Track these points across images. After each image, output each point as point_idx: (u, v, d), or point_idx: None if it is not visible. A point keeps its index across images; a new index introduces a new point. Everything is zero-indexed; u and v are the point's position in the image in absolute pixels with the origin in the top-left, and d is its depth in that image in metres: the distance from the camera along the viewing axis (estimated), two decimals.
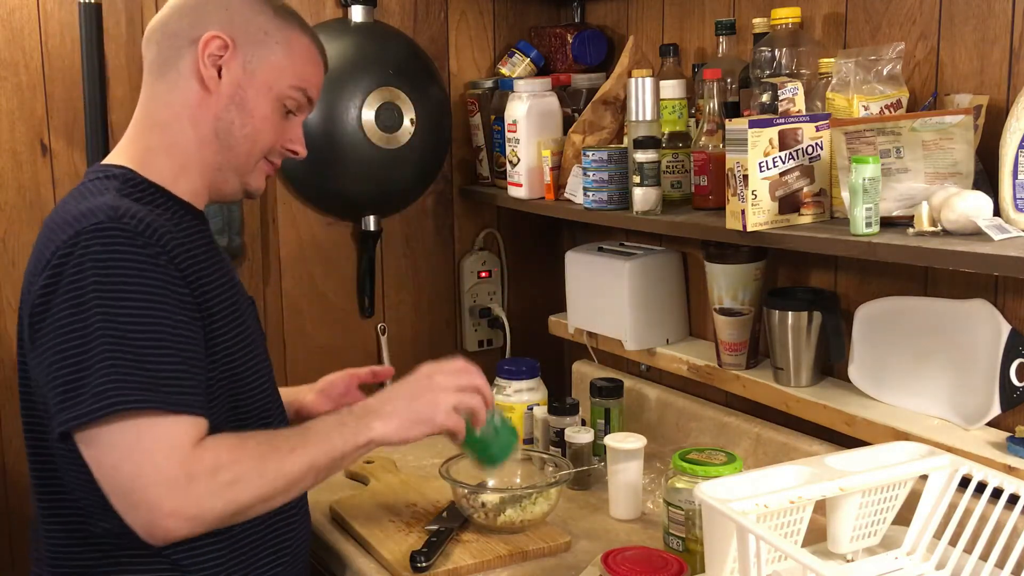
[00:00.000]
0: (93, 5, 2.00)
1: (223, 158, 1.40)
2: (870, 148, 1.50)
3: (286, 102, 1.42)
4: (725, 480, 1.36)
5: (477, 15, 2.41)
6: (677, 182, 1.88)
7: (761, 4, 1.88)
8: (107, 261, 1.21)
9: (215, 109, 1.38)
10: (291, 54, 1.41)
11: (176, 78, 1.38)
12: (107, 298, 1.19)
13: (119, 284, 1.20)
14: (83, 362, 1.18)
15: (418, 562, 1.57)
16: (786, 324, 1.75)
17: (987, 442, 1.49)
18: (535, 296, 2.52)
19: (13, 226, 2.09)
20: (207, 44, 1.36)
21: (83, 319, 1.19)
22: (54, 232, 1.27)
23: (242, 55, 1.37)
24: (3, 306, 2.10)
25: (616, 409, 1.99)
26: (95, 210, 1.25)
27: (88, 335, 1.18)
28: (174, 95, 1.38)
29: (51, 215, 1.34)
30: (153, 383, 1.19)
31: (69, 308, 1.20)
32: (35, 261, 1.30)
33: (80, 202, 1.30)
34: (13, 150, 2.07)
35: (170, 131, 1.38)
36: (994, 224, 1.37)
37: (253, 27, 1.38)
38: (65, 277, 1.21)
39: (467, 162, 2.44)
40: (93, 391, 1.17)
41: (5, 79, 2.05)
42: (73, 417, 1.18)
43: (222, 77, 1.37)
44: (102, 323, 1.19)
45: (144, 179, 1.36)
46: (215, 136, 1.39)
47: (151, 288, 1.22)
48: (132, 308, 1.20)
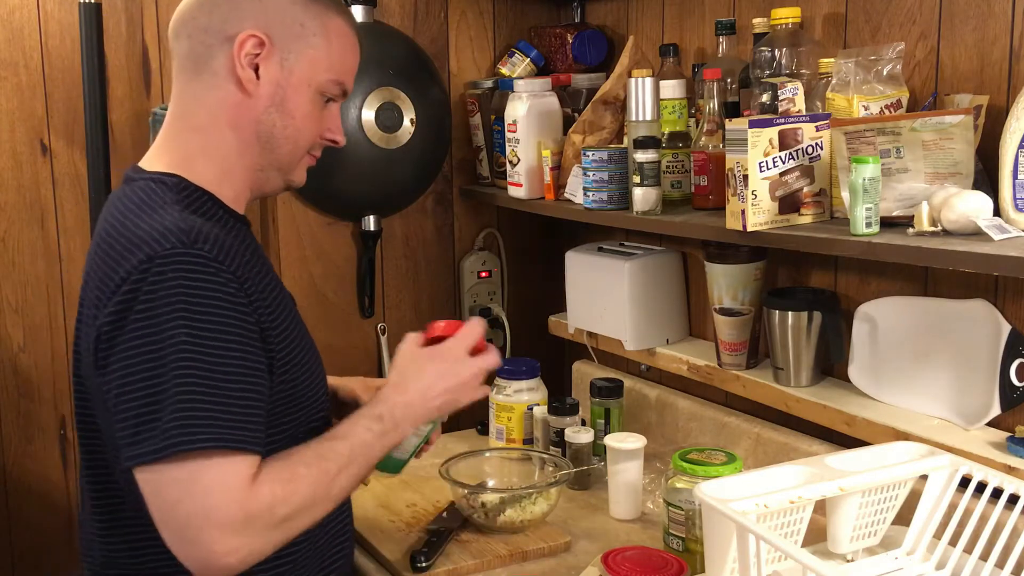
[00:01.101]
0: (93, 5, 2.00)
1: (265, 159, 1.35)
2: (870, 148, 1.50)
3: (325, 93, 1.36)
4: (725, 480, 1.36)
5: (477, 15, 2.41)
6: (677, 182, 1.88)
7: (761, 4, 1.88)
8: (182, 290, 1.16)
9: (255, 112, 1.31)
10: (329, 44, 1.34)
11: (211, 79, 1.31)
12: (181, 329, 1.15)
13: (193, 314, 1.16)
14: (154, 395, 1.14)
15: (418, 562, 1.57)
16: (786, 324, 1.75)
17: (987, 442, 1.49)
18: (535, 296, 2.52)
19: (13, 226, 2.09)
20: (243, 44, 1.28)
21: (156, 350, 1.14)
22: (122, 251, 1.20)
23: (279, 52, 1.30)
24: (3, 306, 2.10)
25: (616, 409, 1.99)
26: (167, 232, 1.19)
27: (160, 367, 1.14)
28: (210, 97, 1.31)
29: (110, 227, 1.27)
30: (221, 421, 1.15)
31: (141, 337, 1.15)
32: (101, 278, 1.22)
33: (143, 216, 1.23)
34: (13, 150, 2.07)
35: (209, 135, 1.32)
36: (994, 224, 1.37)
37: (289, 19, 1.31)
38: (139, 303, 1.16)
39: (467, 162, 2.44)
40: (163, 428, 1.13)
41: (5, 79, 2.05)
42: (140, 454, 1.14)
43: (260, 77, 1.30)
44: (175, 355, 1.14)
45: (195, 186, 1.30)
46: (256, 139, 1.33)
47: (224, 319, 1.18)
48: (206, 340, 1.16)
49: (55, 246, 2.12)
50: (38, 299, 2.12)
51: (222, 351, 1.17)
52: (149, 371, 1.15)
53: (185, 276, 1.17)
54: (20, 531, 2.15)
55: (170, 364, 1.14)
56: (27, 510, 2.16)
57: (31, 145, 2.08)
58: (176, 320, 1.15)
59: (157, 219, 1.22)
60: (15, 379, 2.12)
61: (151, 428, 1.14)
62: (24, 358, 2.13)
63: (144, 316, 1.16)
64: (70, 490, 2.19)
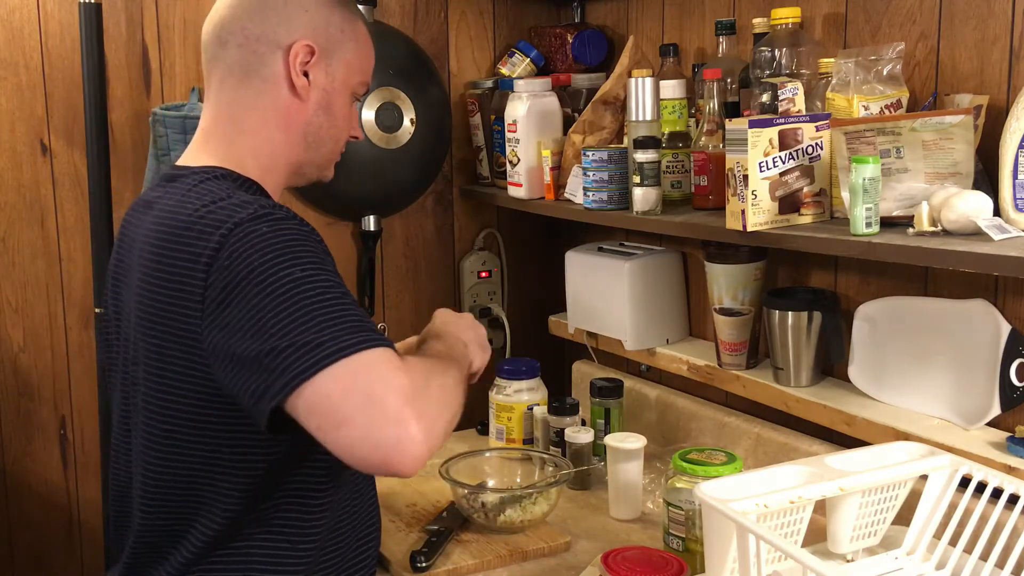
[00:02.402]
0: (93, 5, 2.00)
1: (307, 157, 1.43)
2: (870, 148, 1.50)
3: (356, 94, 1.45)
4: (725, 480, 1.36)
5: (477, 15, 2.41)
6: (677, 182, 1.88)
7: (761, 4, 1.88)
8: (279, 236, 1.20)
9: (306, 115, 1.39)
10: (359, 48, 1.43)
11: (261, 85, 1.37)
12: (291, 265, 1.18)
13: (297, 251, 1.20)
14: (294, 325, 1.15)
15: (418, 562, 1.57)
16: (786, 324, 1.75)
17: (987, 442, 1.49)
18: (535, 296, 2.52)
19: (13, 226, 2.09)
20: (298, 54, 1.36)
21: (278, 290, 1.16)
22: (203, 230, 1.22)
23: (326, 59, 1.39)
24: (3, 306, 2.10)
25: (616, 409, 1.99)
26: (244, 203, 1.23)
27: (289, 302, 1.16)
28: (259, 102, 1.37)
29: (171, 214, 1.28)
30: (364, 327, 1.19)
31: (259, 286, 1.17)
32: (172, 262, 1.24)
33: (213, 200, 1.26)
34: (13, 150, 2.07)
35: (258, 136, 1.38)
36: (994, 224, 1.37)
37: (332, 28, 1.39)
38: (245, 260, 1.18)
39: (467, 162, 2.44)
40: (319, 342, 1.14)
41: (5, 79, 2.05)
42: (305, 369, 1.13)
43: (310, 83, 1.38)
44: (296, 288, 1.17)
45: (248, 178, 1.37)
46: (304, 139, 1.41)
47: (322, 256, 1.23)
48: (315, 270, 1.20)
49: (55, 246, 2.12)
50: (38, 299, 2.12)
51: (331, 279, 1.21)
52: (278, 307, 1.16)
53: (275, 227, 1.21)
54: (20, 531, 2.15)
55: (293, 298, 1.16)
56: (27, 510, 2.16)
57: (31, 145, 2.08)
58: (281, 260, 1.18)
59: (233, 199, 1.26)
60: (15, 379, 2.12)
61: (307, 348, 1.14)
62: (24, 358, 2.13)
63: (252, 269, 1.18)
64: (70, 490, 2.19)
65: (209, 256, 1.20)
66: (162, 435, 1.30)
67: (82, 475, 2.19)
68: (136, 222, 1.37)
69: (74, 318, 2.15)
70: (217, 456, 1.27)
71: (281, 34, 1.36)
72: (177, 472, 1.30)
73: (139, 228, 1.34)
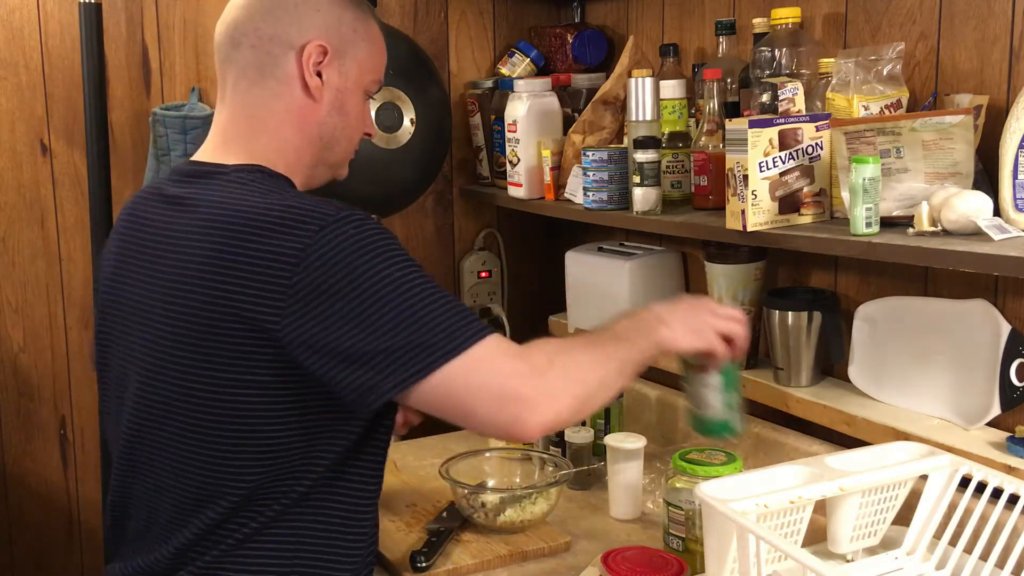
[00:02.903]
0: (93, 5, 2.00)
1: (321, 157, 1.43)
2: (870, 148, 1.50)
3: (368, 92, 1.45)
4: (725, 480, 1.36)
5: (477, 15, 2.41)
6: (677, 182, 1.88)
7: (761, 4, 1.88)
8: (368, 236, 1.22)
9: (319, 115, 1.39)
10: (372, 47, 1.43)
11: (276, 85, 1.37)
12: (390, 261, 1.21)
13: (390, 248, 1.23)
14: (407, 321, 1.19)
15: (418, 562, 1.57)
16: (786, 324, 1.75)
17: (987, 442, 1.49)
18: (535, 296, 2.52)
19: (13, 226, 2.09)
20: (310, 54, 1.36)
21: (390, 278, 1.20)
22: (283, 228, 1.22)
23: (338, 59, 1.39)
24: (3, 306, 2.10)
25: (616, 409, 1.99)
26: (322, 205, 1.24)
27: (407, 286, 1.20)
28: (276, 102, 1.37)
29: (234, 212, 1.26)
30: (469, 318, 1.23)
31: (357, 285, 1.19)
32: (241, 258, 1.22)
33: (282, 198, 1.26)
34: (13, 150, 2.07)
35: (276, 136, 1.38)
36: (994, 224, 1.37)
37: (345, 27, 1.39)
38: (340, 261, 1.20)
39: (467, 162, 2.44)
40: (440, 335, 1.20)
41: (5, 79, 2.05)
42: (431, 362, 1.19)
43: (323, 83, 1.38)
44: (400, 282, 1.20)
45: (286, 176, 1.38)
46: (319, 139, 1.41)
47: (408, 255, 1.25)
48: (411, 265, 1.23)
49: (55, 246, 2.12)
50: (38, 299, 2.12)
51: (423, 273, 1.24)
52: (384, 306, 1.19)
53: (361, 228, 1.23)
54: (20, 531, 2.15)
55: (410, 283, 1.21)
56: (27, 510, 2.16)
57: (31, 145, 2.08)
58: (378, 258, 1.21)
59: (302, 199, 1.27)
60: (15, 379, 2.12)
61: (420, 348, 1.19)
62: (24, 358, 2.13)
63: (346, 269, 1.20)
64: (70, 490, 2.19)
65: (296, 253, 1.20)
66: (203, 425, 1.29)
67: (82, 475, 2.19)
68: (160, 216, 1.34)
69: (74, 318, 2.15)
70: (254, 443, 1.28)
71: (293, 34, 1.36)
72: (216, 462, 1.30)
73: (173, 222, 1.31)
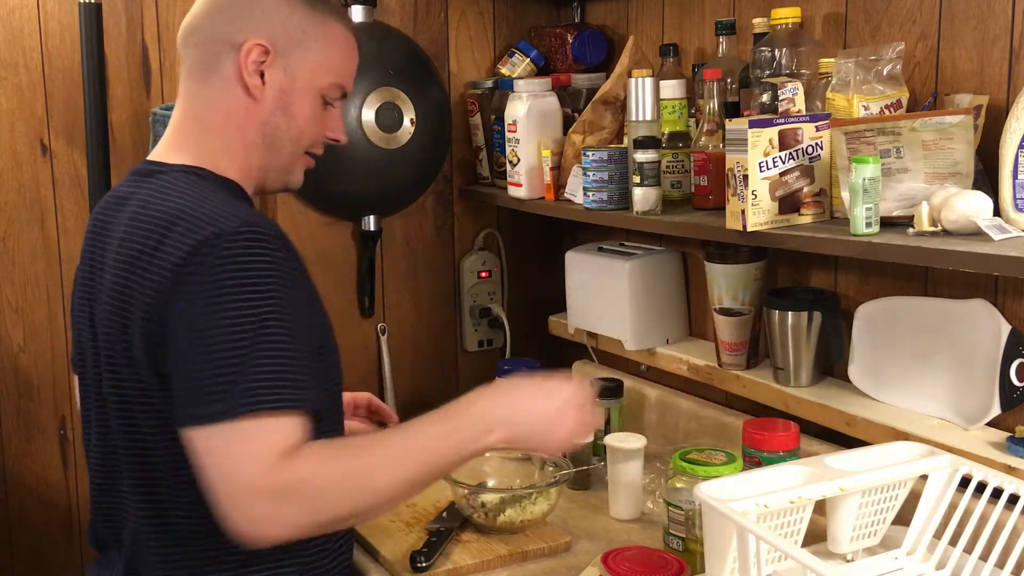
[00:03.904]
0: (93, 5, 2.00)
1: (268, 160, 1.42)
2: (870, 148, 1.50)
3: (326, 96, 1.42)
4: (725, 480, 1.36)
5: (477, 15, 2.41)
6: (677, 182, 1.88)
7: (761, 4, 1.88)
8: (257, 260, 1.21)
9: (261, 116, 1.38)
10: (329, 49, 1.41)
11: (220, 84, 1.37)
12: (258, 296, 1.20)
13: (268, 283, 1.21)
14: (237, 357, 1.18)
15: (418, 562, 1.57)
16: (786, 324, 1.75)
17: (987, 442, 1.49)
18: (535, 296, 2.51)
19: (13, 226, 2.09)
20: (249, 52, 1.35)
21: (236, 315, 1.19)
22: (185, 229, 1.23)
23: (283, 59, 1.37)
24: (3, 306, 2.10)
25: (616, 409, 1.99)
26: (229, 214, 1.24)
27: (232, 334, 1.18)
28: (220, 101, 1.38)
29: (156, 211, 1.29)
30: (291, 382, 1.19)
31: (220, 304, 1.19)
32: (146, 255, 1.25)
33: (197, 201, 1.27)
34: (13, 150, 2.07)
35: (221, 136, 1.39)
36: (994, 224, 1.37)
37: (291, 27, 1.38)
38: (211, 275, 1.20)
39: (467, 162, 2.44)
40: (242, 387, 1.17)
41: (5, 79, 2.05)
42: (208, 414, 1.17)
43: (265, 83, 1.37)
44: (257, 320, 1.19)
45: (227, 179, 1.37)
46: (262, 141, 1.40)
47: (290, 290, 1.23)
48: (274, 308, 1.21)
49: (55, 246, 2.12)
50: (38, 299, 2.12)
51: (289, 318, 1.22)
52: (224, 335, 1.18)
53: (257, 249, 1.22)
54: (20, 531, 2.15)
55: (248, 328, 1.18)
56: (27, 510, 2.16)
57: (31, 145, 2.08)
58: (252, 288, 1.20)
59: (217, 203, 1.27)
60: (15, 379, 2.12)
61: (223, 388, 1.17)
62: (24, 358, 2.13)
63: (218, 285, 1.20)
64: (70, 490, 2.19)
65: (181, 257, 1.21)
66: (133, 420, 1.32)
67: (82, 475, 2.19)
68: (111, 217, 1.37)
69: None
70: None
71: (235, 33, 1.36)
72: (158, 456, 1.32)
73: (116, 223, 1.35)
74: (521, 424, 1.30)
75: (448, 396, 1.32)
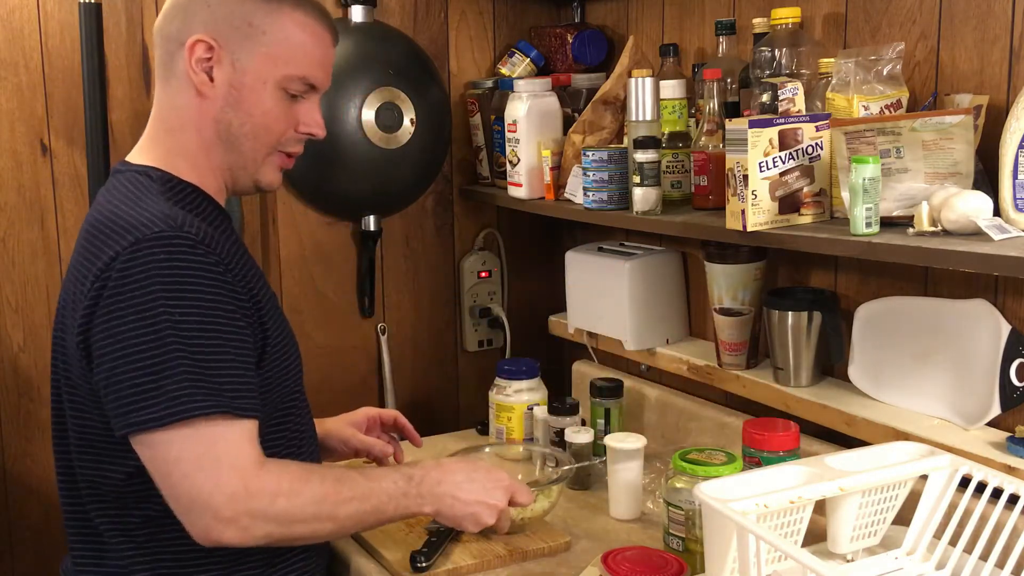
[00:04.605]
0: (93, 5, 2.00)
1: (231, 158, 1.40)
2: (870, 148, 1.50)
3: (288, 89, 1.38)
4: (725, 480, 1.36)
5: (477, 15, 2.41)
6: (677, 182, 1.88)
7: (761, 4, 1.88)
8: (172, 268, 1.21)
9: (212, 113, 1.37)
10: (284, 40, 1.36)
11: (176, 84, 1.38)
12: (173, 304, 1.20)
13: (184, 291, 1.21)
14: (152, 367, 1.19)
15: (418, 562, 1.57)
16: (786, 324, 1.75)
17: (987, 442, 1.49)
18: (535, 296, 2.51)
19: (13, 226, 2.09)
20: (192, 50, 1.34)
21: (151, 325, 1.19)
22: (108, 236, 1.25)
23: (229, 53, 1.35)
24: (3, 306, 2.10)
25: (616, 409, 1.99)
26: (153, 218, 1.24)
27: (157, 341, 1.19)
28: (177, 101, 1.38)
29: (97, 215, 1.32)
30: (219, 388, 1.20)
31: (136, 314, 1.20)
32: (84, 263, 1.28)
33: (130, 205, 1.29)
34: (13, 150, 2.07)
35: (181, 136, 1.38)
36: (994, 224, 1.37)
37: (236, 19, 1.35)
38: (130, 283, 1.20)
39: (467, 162, 2.44)
40: (167, 396, 1.18)
41: (5, 79, 2.05)
42: (143, 420, 1.18)
43: (214, 80, 1.35)
44: (171, 329, 1.19)
45: (180, 180, 1.37)
46: (218, 138, 1.38)
47: (214, 295, 1.23)
48: (197, 314, 1.21)
49: (55, 246, 2.12)
50: (38, 299, 2.12)
51: (211, 323, 1.22)
52: (144, 345, 1.19)
53: (173, 255, 1.22)
54: (20, 531, 2.15)
55: (164, 337, 1.19)
56: (27, 510, 2.16)
57: (31, 145, 2.08)
58: (167, 296, 1.20)
59: (143, 207, 1.28)
60: (15, 379, 2.12)
61: (150, 397, 1.19)
62: (24, 358, 2.13)
63: (136, 294, 1.20)
64: None
65: (107, 262, 1.23)
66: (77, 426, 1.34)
67: None
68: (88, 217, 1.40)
69: None
70: None
71: (182, 31, 1.36)
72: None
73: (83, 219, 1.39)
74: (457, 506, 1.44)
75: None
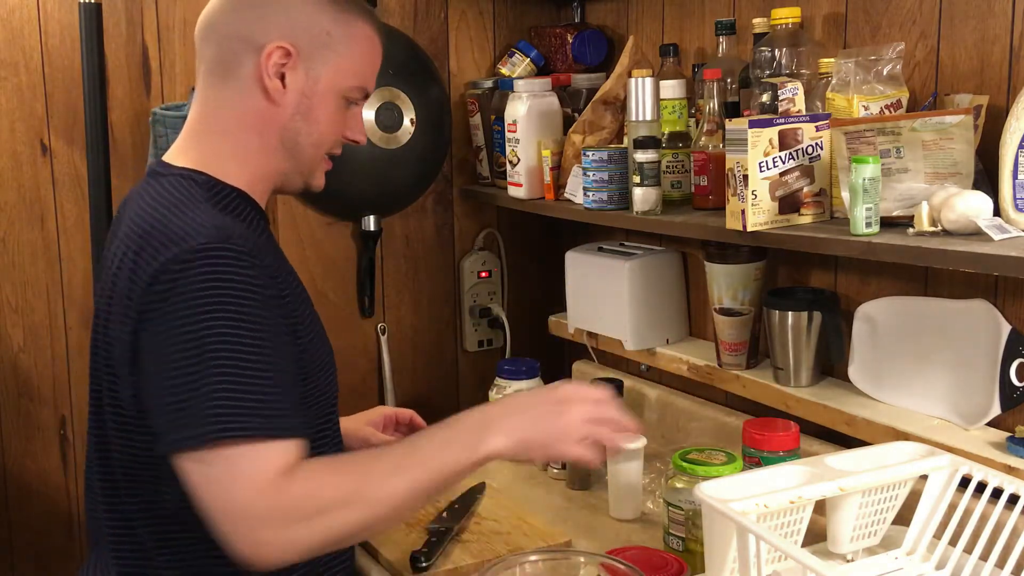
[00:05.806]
0: (93, 5, 2.00)
1: (289, 164, 1.37)
2: (870, 148, 1.50)
3: (347, 97, 1.38)
4: (725, 480, 1.36)
5: (477, 15, 2.41)
6: (677, 182, 1.88)
7: (761, 4, 1.88)
8: (217, 282, 1.18)
9: (281, 120, 1.33)
10: (353, 51, 1.35)
11: (237, 84, 1.32)
12: (217, 319, 1.17)
13: (228, 305, 1.18)
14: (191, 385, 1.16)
15: (418, 562, 1.57)
16: (786, 324, 1.75)
17: (987, 442, 1.49)
18: (535, 296, 2.52)
19: (13, 226, 2.09)
20: (270, 55, 1.29)
21: (192, 340, 1.16)
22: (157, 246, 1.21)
23: (305, 61, 1.31)
24: (3, 306, 2.10)
25: None
26: (200, 228, 1.21)
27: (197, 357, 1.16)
28: (237, 102, 1.33)
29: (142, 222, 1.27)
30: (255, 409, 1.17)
31: (179, 328, 1.17)
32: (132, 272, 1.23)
33: (176, 213, 1.25)
34: (13, 150, 2.07)
35: (237, 139, 1.34)
36: (994, 224, 1.37)
37: (316, 29, 1.32)
38: (175, 296, 1.17)
39: (467, 162, 2.44)
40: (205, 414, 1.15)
41: (5, 79, 2.05)
42: (180, 439, 1.16)
43: (286, 87, 1.31)
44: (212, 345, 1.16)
45: (226, 184, 1.33)
46: (281, 145, 1.35)
47: (257, 310, 1.20)
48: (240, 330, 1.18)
49: (55, 246, 2.12)
50: (38, 299, 2.12)
51: (256, 341, 1.19)
52: (186, 361, 1.16)
53: (220, 269, 1.19)
54: (20, 531, 2.15)
55: (207, 354, 1.16)
56: (27, 510, 2.16)
57: (31, 145, 2.08)
58: (211, 311, 1.17)
59: (191, 216, 1.24)
60: (15, 379, 2.12)
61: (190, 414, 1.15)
62: (24, 358, 2.13)
63: (180, 308, 1.17)
64: (70, 490, 2.19)
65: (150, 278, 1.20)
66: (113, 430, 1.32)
67: (82, 475, 2.18)
68: (120, 218, 1.36)
69: (74, 318, 2.15)
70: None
71: (257, 33, 1.31)
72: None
73: (121, 227, 1.33)
74: (524, 422, 1.26)
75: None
